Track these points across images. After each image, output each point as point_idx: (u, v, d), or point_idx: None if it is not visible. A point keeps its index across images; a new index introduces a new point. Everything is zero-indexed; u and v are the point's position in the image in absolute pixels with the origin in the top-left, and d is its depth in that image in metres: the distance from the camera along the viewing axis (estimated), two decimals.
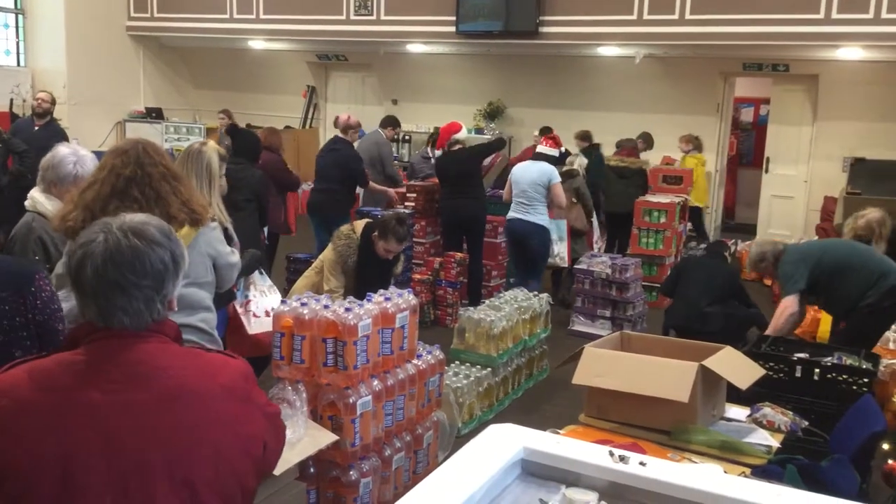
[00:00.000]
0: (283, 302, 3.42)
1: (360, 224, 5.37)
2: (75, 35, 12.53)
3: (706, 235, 10.38)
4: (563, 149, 7.62)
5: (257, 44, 13.29)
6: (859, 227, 5.76)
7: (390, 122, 8.90)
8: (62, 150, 3.40)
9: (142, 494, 1.60)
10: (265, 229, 6.43)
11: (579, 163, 8.78)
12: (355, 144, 7.93)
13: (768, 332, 5.01)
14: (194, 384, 1.69)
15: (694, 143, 10.33)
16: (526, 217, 6.79)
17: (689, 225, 9.60)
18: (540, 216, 6.79)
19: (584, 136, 9.39)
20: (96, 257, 1.65)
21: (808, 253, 5.08)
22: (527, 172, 6.87)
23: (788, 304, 4.92)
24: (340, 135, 7.85)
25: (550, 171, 6.82)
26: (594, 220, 8.49)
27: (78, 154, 3.38)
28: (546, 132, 8.63)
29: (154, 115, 13.28)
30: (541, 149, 7.14)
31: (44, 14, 12.60)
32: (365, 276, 5.21)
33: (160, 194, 2.80)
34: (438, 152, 7.70)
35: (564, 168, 7.84)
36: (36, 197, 3.34)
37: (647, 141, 10.22)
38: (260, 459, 1.78)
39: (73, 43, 12.53)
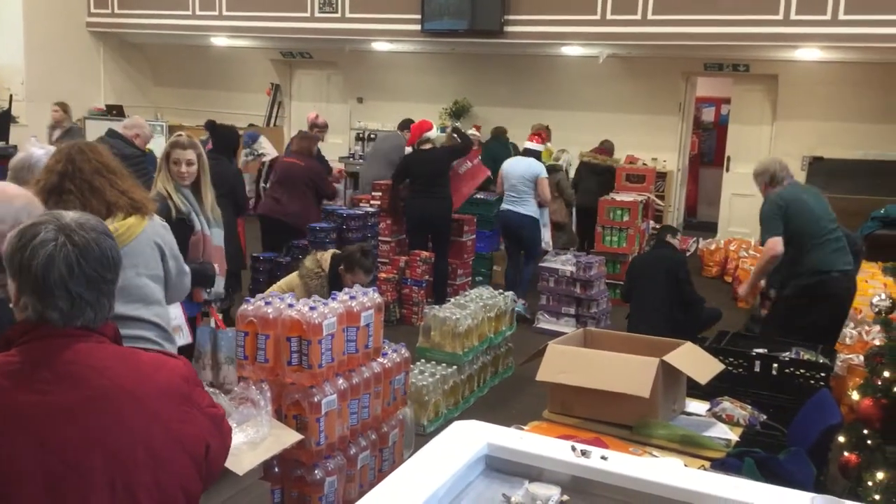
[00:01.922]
0: (246, 301, 3.40)
1: (326, 256, 5.23)
2: (34, 31, 12.31)
3: None
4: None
5: (220, 41, 13.17)
6: None
7: (408, 125, 8.84)
8: (36, 151, 3.44)
9: (78, 498, 1.57)
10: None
11: (565, 158, 8.95)
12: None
13: (753, 271, 4.97)
14: (129, 384, 1.65)
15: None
16: (517, 209, 7.35)
17: (652, 222, 9.71)
18: (530, 208, 7.35)
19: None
20: (64, 254, 1.61)
21: (782, 200, 4.93)
22: (516, 167, 7.45)
23: (771, 246, 4.84)
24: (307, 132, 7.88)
25: (538, 167, 7.44)
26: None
27: (42, 156, 3.38)
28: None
29: (115, 112, 13.06)
30: (528, 145, 7.70)
31: (1, 10, 12.35)
32: None
33: (94, 186, 2.85)
34: (408, 149, 7.66)
35: (549, 163, 8.46)
36: None
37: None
38: (202, 461, 1.75)
39: (32, 39, 12.30)
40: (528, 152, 7.64)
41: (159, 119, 13.34)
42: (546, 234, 7.82)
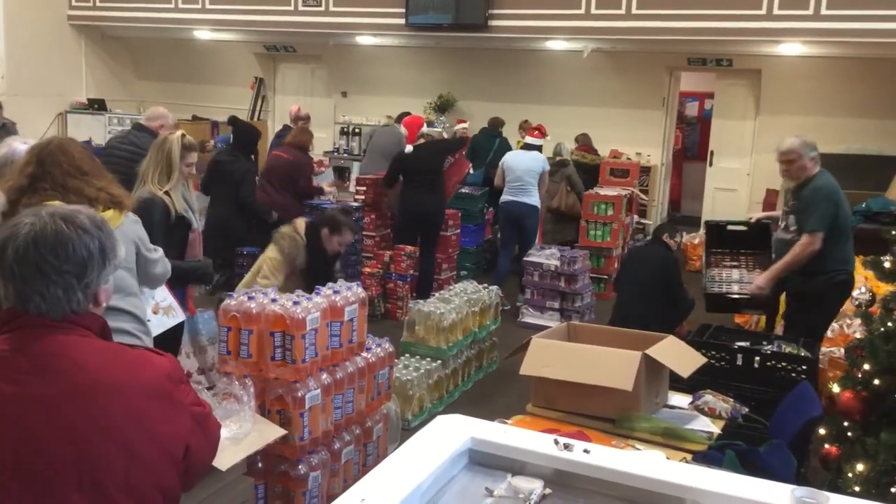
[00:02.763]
0: (229, 296, 3.38)
1: (300, 224, 5.23)
2: (14, 25, 12.17)
3: None
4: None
5: (203, 34, 13.08)
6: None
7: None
8: (20, 146, 3.42)
9: (49, 491, 1.57)
10: None
11: (565, 149, 9.08)
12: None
13: (785, 262, 4.78)
14: (111, 380, 1.64)
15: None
16: (522, 199, 7.67)
17: (636, 217, 9.75)
18: (534, 199, 7.72)
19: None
20: (19, 238, 1.61)
21: (835, 191, 4.76)
22: (522, 161, 7.80)
23: (813, 241, 4.67)
24: (290, 125, 8.16)
25: (543, 161, 7.89)
26: None
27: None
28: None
29: (97, 106, 12.98)
30: (529, 140, 8.07)
31: None
32: (316, 275, 5.17)
33: (67, 187, 2.86)
34: (410, 147, 7.60)
35: (557, 158, 8.90)
36: None
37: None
38: (181, 462, 1.74)
39: (12, 32, 12.17)
40: (529, 147, 7.97)
41: (142, 113, 13.25)
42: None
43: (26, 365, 1.60)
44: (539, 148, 8.00)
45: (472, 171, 8.55)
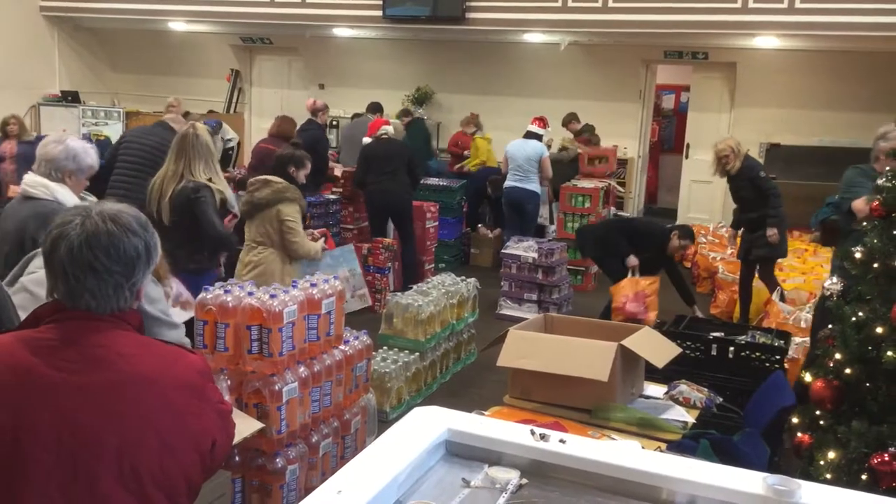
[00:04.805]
0: (205, 289, 3.37)
1: (272, 178, 4.98)
2: None
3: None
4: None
5: (178, 25, 12.95)
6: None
7: (379, 108, 9.67)
8: (76, 141, 3.56)
9: (89, 477, 1.63)
10: None
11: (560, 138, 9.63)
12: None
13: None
14: (150, 373, 1.71)
15: (475, 124, 10.47)
16: (522, 185, 8.11)
17: (613, 209, 9.79)
18: (534, 185, 8.15)
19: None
20: (72, 238, 1.67)
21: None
22: (522, 150, 8.19)
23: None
24: (311, 117, 8.52)
25: (542, 148, 8.29)
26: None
27: (88, 147, 3.62)
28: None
29: (70, 98, 12.82)
30: (531, 128, 8.40)
31: None
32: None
33: None
34: (367, 139, 7.63)
35: (561, 146, 9.59)
36: (52, 186, 3.40)
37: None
38: (207, 456, 1.81)
39: None
40: (530, 135, 8.32)
41: (116, 105, 13.13)
42: (545, 211, 8.75)
43: (74, 355, 1.66)
44: (539, 137, 8.34)
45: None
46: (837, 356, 3.20)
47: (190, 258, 4.22)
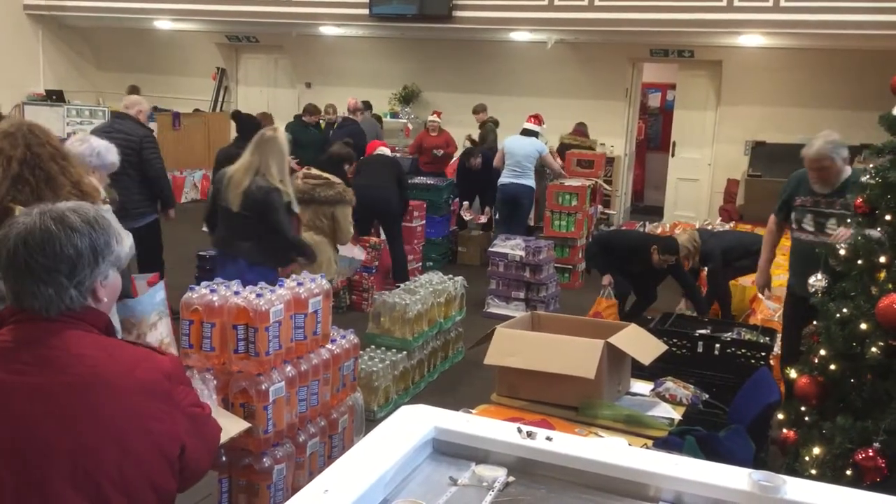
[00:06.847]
0: (191, 289, 3.35)
1: (331, 177, 5.56)
2: None
3: None
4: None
5: (164, 24, 12.90)
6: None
7: (369, 106, 10.30)
8: (99, 140, 3.88)
9: (37, 478, 1.60)
10: None
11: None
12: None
13: None
14: (108, 375, 1.67)
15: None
16: (518, 181, 8.24)
17: (601, 207, 9.81)
18: (529, 180, 8.30)
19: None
20: (10, 239, 1.65)
21: None
22: (522, 146, 8.33)
23: None
24: (350, 116, 9.53)
25: (541, 145, 8.48)
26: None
27: (110, 145, 3.94)
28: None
29: (55, 97, 12.74)
30: (528, 126, 8.51)
31: None
32: None
33: (50, 174, 2.86)
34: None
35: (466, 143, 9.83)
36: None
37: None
38: (176, 461, 1.77)
39: None
40: (527, 132, 8.43)
41: (102, 104, 13.04)
42: (531, 211, 8.82)
43: (28, 357, 1.64)
44: (536, 133, 8.48)
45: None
46: (822, 352, 3.22)
47: (255, 252, 4.51)
